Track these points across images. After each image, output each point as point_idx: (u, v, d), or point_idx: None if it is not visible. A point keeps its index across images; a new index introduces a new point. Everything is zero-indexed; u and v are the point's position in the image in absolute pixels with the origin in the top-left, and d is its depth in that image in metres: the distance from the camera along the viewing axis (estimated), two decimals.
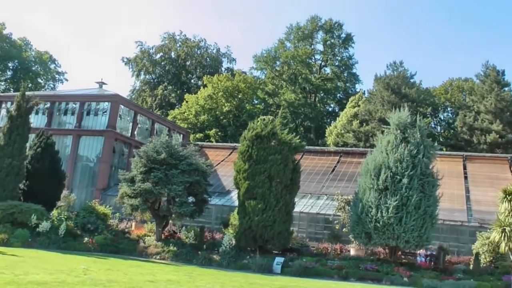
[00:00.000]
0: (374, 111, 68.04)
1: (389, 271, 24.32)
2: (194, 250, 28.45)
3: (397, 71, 74.06)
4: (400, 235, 24.87)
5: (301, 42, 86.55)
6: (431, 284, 23.04)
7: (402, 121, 27.26)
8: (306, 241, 32.51)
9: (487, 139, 62.20)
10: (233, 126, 77.40)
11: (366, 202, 25.89)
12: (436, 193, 26.51)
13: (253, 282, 19.46)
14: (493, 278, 24.55)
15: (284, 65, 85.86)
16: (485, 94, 67.07)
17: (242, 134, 30.50)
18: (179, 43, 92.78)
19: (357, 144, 63.99)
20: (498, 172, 44.34)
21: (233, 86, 79.03)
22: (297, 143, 30.31)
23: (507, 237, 19.71)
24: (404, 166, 25.65)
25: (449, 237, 34.75)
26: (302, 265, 24.93)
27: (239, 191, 29.15)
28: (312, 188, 41.85)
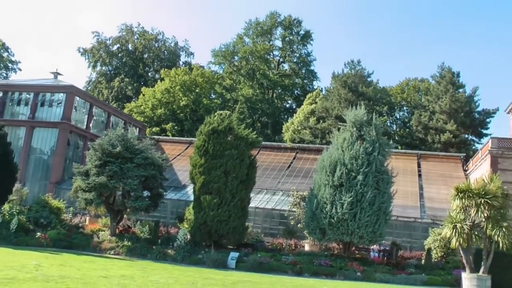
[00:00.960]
0: (331, 109, 68.66)
1: (343, 266, 24.63)
2: (149, 245, 28.21)
3: (354, 69, 74.89)
4: (354, 230, 25.21)
5: (260, 38, 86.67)
6: (384, 278, 23.47)
7: (358, 119, 27.59)
8: (261, 237, 32.63)
9: (441, 138, 63.67)
10: (190, 120, 77.00)
11: (321, 198, 26.13)
12: (390, 190, 26.99)
13: (207, 277, 19.45)
14: (444, 273, 25.28)
15: (242, 60, 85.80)
16: (440, 95, 68.60)
17: (199, 129, 30.37)
18: (137, 35, 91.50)
19: (314, 141, 64.51)
20: (451, 170, 45.43)
21: (190, 80, 78.54)
22: (254, 139, 30.37)
23: (458, 233, 20.15)
24: (359, 163, 25.98)
25: (402, 233, 35.42)
26: (257, 260, 25.01)
27: (195, 186, 29.04)
28: (268, 183, 42.04)
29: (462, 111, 66.45)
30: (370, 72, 75.35)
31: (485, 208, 20.08)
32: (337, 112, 64.47)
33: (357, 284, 21.44)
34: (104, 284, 14.91)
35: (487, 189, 20.42)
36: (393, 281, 23.18)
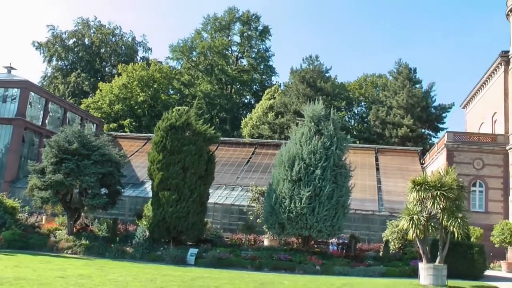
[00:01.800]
0: (289, 104, 69.00)
1: (302, 260, 24.72)
2: (107, 243, 27.75)
3: (312, 65, 75.42)
4: (313, 225, 25.34)
5: (218, 33, 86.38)
6: (343, 271, 23.68)
7: (316, 114, 27.71)
8: (220, 232, 32.61)
9: (399, 133, 64.80)
10: (148, 116, 76.36)
11: (280, 193, 26.17)
12: (348, 184, 27.23)
13: (166, 274, 19.30)
14: (402, 264, 25.70)
15: (201, 55, 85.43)
16: (398, 90, 69.82)
17: (157, 125, 30.05)
18: (93, 30, 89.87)
19: (272, 136, 64.80)
20: (408, 164, 46.25)
21: (148, 75, 77.83)
22: (212, 134, 30.26)
23: (414, 225, 20.43)
24: (318, 158, 26.10)
25: (360, 225, 35.94)
26: (216, 256, 24.92)
27: (153, 182, 28.74)
28: (227, 179, 42.05)
29: (418, 106, 67.78)
30: (328, 68, 76.16)
31: (441, 200, 20.38)
32: (296, 107, 64.88)
33: (316, 277, 21.53)
34: (61, 285, 14.65)
35: (443, 181, 20.73)
36: (352, 274, 23.38)
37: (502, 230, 33.67)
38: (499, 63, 43.23)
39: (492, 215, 39.16)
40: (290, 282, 18.91)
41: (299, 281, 19.36)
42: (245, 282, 18.35)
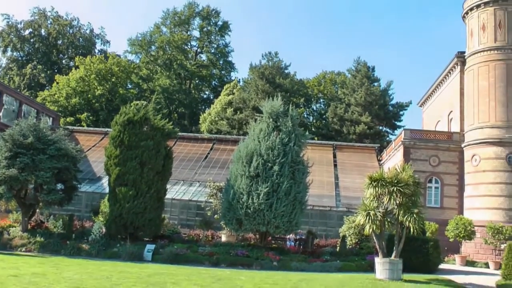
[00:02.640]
0: (248, 100, 69.05)
1: (259, 256, 24.70)
2: (63, 240, 27.03)
3: (272, 61, 75.62)
4: (270, 220, 25.34)
5: (178, 28, 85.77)
6: (300, 267, 23.77)
7: (274, 110, 27.71)
8: (178, 228, 32.39)
9: (357, 130, 65.60)
10: (106, 110, 75.27)
11: (237, 188, 26.09)
12: (306, 180, 27.31)
13: (122, 271, 19.03)
14: (358, 258, 26.08)
15: (160, 50, 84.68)
16: (356, 88, 70.70)
17: (114, 119, 29.51)
18: (50, 20, 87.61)
19: (231, 132, 64.77)
20: (366, 160, 46.78)
21: (106, 69, 76.67)
22: (170, 129, 29.99)
23: (371, 220, 20.69)
24: (276, 154, 26.09)
25: (318, 221, 36.17)
26: (173, 252, 24.69)
27: (110, 178, 28.26)
28: (185, 174, 41.80)
29: (376, 104, 68.81)
30: (287, 64, 76.47)
31: (397, 196, 20.70)
32: (254, 103, 64.98)
33: (273, 273, 21.54)
34: (13, 284, 14.24)
35: (399, 177, 21.02)
36: (309, 269, 23.51)
37: (456, 225, 34.51)
38: (455, 63, 44.14)
39: (447, 211, 40.05)
40: (247, 278, 18.88)
41: (256, 277, 19.34)
42: (202, 278, 18.26)
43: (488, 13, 41.08)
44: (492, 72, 39.96)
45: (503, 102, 39.19)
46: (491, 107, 39.48)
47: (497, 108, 39.25)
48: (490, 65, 40.19)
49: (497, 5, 40.79)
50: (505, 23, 40.35)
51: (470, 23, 42.66)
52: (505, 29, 40.28)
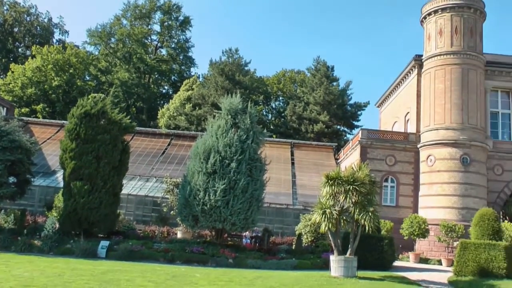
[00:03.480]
0: (207, 96, 68.80)
1: (215, 253, 24.60)
2: (13, 236, 26.10)
3: (232, 58, 75.48)
4: (227, 217, 25.27)
5: (138, 21, 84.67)
6: (255, 264, 23.75)
7: (233, 107, 27.62)
8: (133, 224, 31.97)
9: (315, 128, 66.03)
10: (63, 102, 73.72)
11: (194, 185, 25.92)
12: (263, 178, 27.33)
13: (75, 268, 18.67)
14: (314, 256, 26.27)
15: (119, 42, 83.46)
16: (315, 87, 71.15)
17: (71, 111, 28.90)
18: (7, 6, 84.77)
19: (189, 128, 64.44)
20: (323, 159, 47.11)
21: (64, 59, 75.04)
22: (128, 123, 29.60)
23: (327, 218, 20.84)
24: (233, 151, 26.02)
25: (274, 219, 36.24)
26: (128, 249, 24.34)
27: (65, 172, 27.70)
28: (142, 170, 41.36)
29: (335, 103, 69.48)
30: (247, 61, 76.57)
31: (353, 194, 20.91)
32: (214, 99, 64.80)
33: (228, 270, 21.50)
34: None
35: (355, 176, 21.25)
36: (265, 267, 23.51)
37: (411, 223, 35.12)
38: (413, 66, 44.98)
39: (402, 209, 40.71)
40: (202, 275, 18.78)
41: (211, 274, 19.27)
42: (157, 275, 18.08)
43: (445, 19, 42.02)
44: (448, 75, 40.84)
45: (458, 105, 40.07)
46: (446, 110, 40.31)
47: (453, 111, 40.11)
48: (447, 69, 41.08)
49: (454, 11, 41.83)
50: (461, 29, 41.37)
51: (428, 27, 43.53)
52: (461, 34, 41.30)
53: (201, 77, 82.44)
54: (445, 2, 42.18)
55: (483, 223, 24.92)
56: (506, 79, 43.81)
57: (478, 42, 42.05)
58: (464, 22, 41.58)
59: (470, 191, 38.59)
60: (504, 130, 43.89)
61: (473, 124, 40.07)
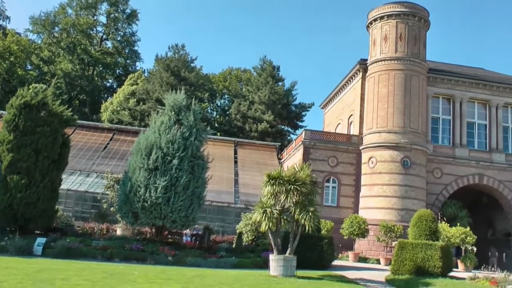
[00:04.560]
0: (152, 91, 68.17)
1: (154, 250, 24.27)
2: None
3: (178, 54, 74.98)
4: (167, 215, 25.05)
5: (84, 11, 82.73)
6: (195, 262, 23.57)
7: (177, 103, 27.39)
8: (72, 221, 31.31)
9: (259, 127, 66.28)
10: (2, 91, 71.40)
11: (135, 181, 25.56)
12: (205, 175, 27.22)
13: (8, 266, 17.94)
14: (254, 255, 26.29)
15: (64, 32, 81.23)
16: (260, 86, 71.46)
17: (10, 101, 27.89)
18: None
19: (132, 123, 63.66)
20: (266, 158, 47.32)
21: (4, 46, 72.29)
22: (69, 116, 28.83)
23: (267, 218, 20.89)
24: (176, 148, 25.80)
25: (216, 217, 36.19)
26: (65, 246, 23.64)
27: (2, 165, 26.69)
28: (82, 165, 40.57)
29: (280, 103, 69.98)
30: (193, 58, 76.11)
31: (294, 194, 21.02)
32: (158, 95, 64.29)
33: (167, 268, 21.27)
34: None
35: (297, 176, 21.36)
36: (204, 265, 23.38)
37: (351, 223, 35.74)
38: (357, 70, 45.73)
39: (343, 209, 41.26)
40: (140, 273, 18.50)
41: (150, 272, 19.02)
42: (94, 273, 17.67)
43: (390, 25, 42.91)
44: (392, 80, 41.68)
45: (401, 109, 40.92)
46: (389, 113, 41.11)
47: (395, 115, 40.92)
48: (390, 74, 41.92)
49: (399, 18, 42.80)
50: (405, 36, 42.35)
51: (373, 32, 44.33)
52: (406, 41, 42.27)
53: (146, 72, 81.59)
54: (391, 9, 43.08)
55: (421, 224, 25.61)
56: (447, 86, 45.18)
57: (421, 50, 43.12)
58: (408, 29, 42.57)
59: (410, 193, 39.45)
60: (445, 135, 45.19)
61: (414, 128, 41.01)
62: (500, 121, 45.81)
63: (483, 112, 46.31)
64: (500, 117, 45.85)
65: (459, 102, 45.18)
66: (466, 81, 45.64)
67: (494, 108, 45.89)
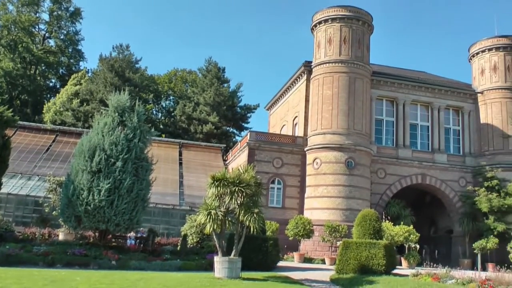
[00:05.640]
0: (95, 92, 67.13)
1: (98, 255, 23.82)
2: None
3: (122, 54, 74.11)
4: (111, 218, 24.67)
5: (26, 8, 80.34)
6: (139, 266, 23.28)
7: (121, 104, 27.02)
8: (12, 226, 30.38)
9: (204, 129, 66.17)
10: None
11: (78, 184, 25.08)
12: (149, 177, 26.93)
13: None
14: (199, 257, 26.18)
15: (4, 29, 78.57)
16: (206, 88, 71.43)
17: None
18: None
19: (76, 124, 62.48)
20: (211, 160, 47.24)
21: None
22: (10, 117, 27.97)
23: (212, 219, 20.84)
24: (119, 149, 25.44)
25: (161, 219, 35.90)
26: (4, 253, 22.82)
27: None
28: (24, 167, 39.58)
29: (225, 105, 70.08)
30: (138, 59, 75.45)
31: (239, 196, 21.04)
32: (102, 95, 63.45)
33: (111, 272, 20.92)
34: None
35: (241, 178, 21.38)
36: (149, 268, 23.12)
37: (296, 224, 36.05)
38: (302, 72, 46.18)
39: (288, 211, 41.51)
40: (83, 278, 18.13)
41: (92, 277, 18.66)
42: (34, 280, 17.18)
43: (334, 28, 43.50)
44: (336, 82, 42.24)
45: (345, 111, 41.51)
46: (333, 115, 41.63)
47: (339, 116, 41.48)
48: (335, 76, 42.48)
49: (344, 22, 43.46)
50: (349, 39, 43.04)
51: (318, 35, 44.85)
52: (350, 44, 42.95)
53: (90, 72, 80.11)
54: (336, 13, 43.71)
55: (365, 223, 26.04)
56: (390, 89, 46.22)
57: (365, 53, 43.89)
58: (352, 33, 43.28)
59: (354, 193, 40.05)
60: (388, 137, 46.18)
61: (358, 129, 41.66)
62: (442, 123, 47.23)
63: (425, 114, 47.65)
64: (442, 119, 47.28)
65: (402, 104, 46.27)
66: (409, 84, 46.87)
67: (436, 110, 47.27)
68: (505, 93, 47.08)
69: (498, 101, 47.10)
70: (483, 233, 42.26)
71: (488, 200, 42.59)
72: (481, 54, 48.97)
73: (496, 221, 42.03)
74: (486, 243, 40.47)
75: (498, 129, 46.53)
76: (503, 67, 47.50)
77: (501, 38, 48.41)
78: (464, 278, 20.95)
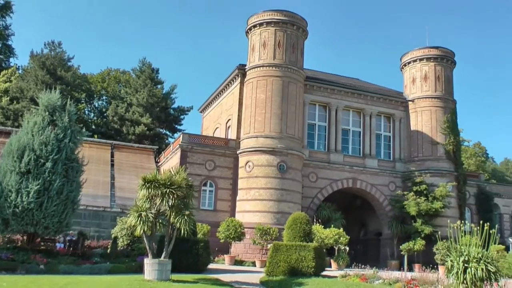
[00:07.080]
0: (26, 89, 65.39)
1: (25, 259, 23.22)
2: None
3: (54, 51, 72.38)
4: (39, 221, 24.11)
5: None
6: (68, 269, 22.90)
7: (51, 103, 26.47)
8: None
9: (136, 130, 65.73)
10: None
11: (6, 185, 24.42)
12: (80, 179, 26.45)
13: None
14: (129, 260, 26.07)
15: None
16: (139, 88, 70.97)
17: None
18: None
19: (5, 123, 60.77)
20: (143, 161, 46.88)
21: None
22: None
23: (142, 221, 20.80)
24: (49, 150, 24.93)
25: (91, 222, 35.37)
26: None
27: None
28: None
29: (158, 106, 69.89)
30: (71, 56, 73.78)
31: (170, 198, 21.08)
32: (33, 94, 61.89)
33: (39, 277, 20.52)
34: None
35: (173, 180, 21.45)
36: (78, 272, 22.80)
37: (227, 227, 36.38)
38: (236, 75, 46.53)
39: (220, 213, 41.77)
40: (9, 284, 17.74)
41: (19, 282, 18.28)
42: None
43: (269, 32, 44.06)
44: (270, 86, 42.80)
45: (278, 115, 42.14)
46: (266, 118, 42.19)
47: (272, 120, 42.06)
48: (268, 80, 43.03)
49: (278, 26, 44.07)
50: (284, 43, 43.71)
51: (252, 38, 45.30)
52: (284, 49, 43.63)
53: (20, 69, 77.81)
54: (271, 17, 44.25)
55: (295, 226, 26.63)
56: (323, 94, 47.29)
57: (299, 58, 44.67)
58: (287, 37, 43.96)
59: (286, 196, 40.69)
60: (320, 141, 47.22)
61: (291, 133, 42.38)
62: (373, 129, 48.75)
63: (357, 120, 49.03)
64: (373, 125, 48.80)
65: (334, 110, 47.39)
66: (342, 90, 48.10)
67: (368, 116, 48.71)
68: (434, 101, 49.03)
69: (428, 109, 49.00)
70: (411, 236, 43.87)
71: (416, 204, 44.23)
72: (412, 63, 50.77)
73: (424, 224, 43.69)
74: (413, 245, 42.02)
75: (428, 136, 48.38)
76: (433, 77, 49.42)
77: (432, 49, 50.35)
78: (391, 279, 21.85)
